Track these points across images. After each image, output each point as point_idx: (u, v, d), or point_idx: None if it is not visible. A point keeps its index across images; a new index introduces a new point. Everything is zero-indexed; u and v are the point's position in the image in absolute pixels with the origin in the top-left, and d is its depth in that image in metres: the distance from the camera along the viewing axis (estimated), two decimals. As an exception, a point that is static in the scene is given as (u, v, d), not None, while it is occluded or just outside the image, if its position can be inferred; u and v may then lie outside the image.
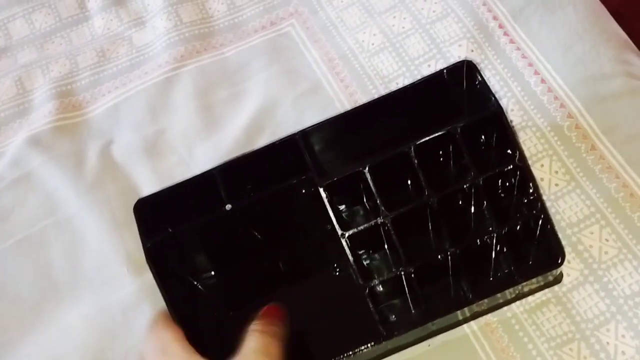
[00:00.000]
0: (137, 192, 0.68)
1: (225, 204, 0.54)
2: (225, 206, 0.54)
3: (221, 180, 0.55)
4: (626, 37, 0.71)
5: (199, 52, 0.77)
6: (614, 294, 0.59)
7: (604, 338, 0.58)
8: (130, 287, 0.64)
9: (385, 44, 0.74)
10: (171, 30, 0.78)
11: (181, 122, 0.73)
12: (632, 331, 0.57)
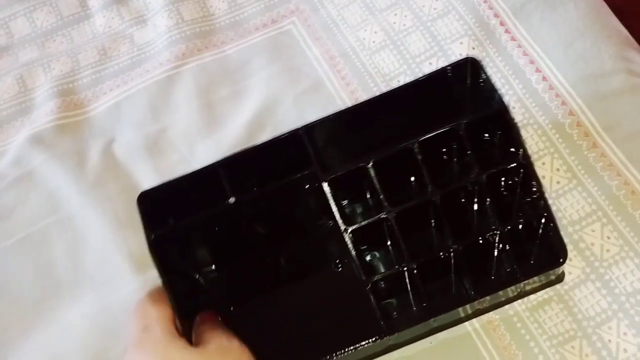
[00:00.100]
0: (138, 191, 0.67)
1: (229, 197, 0.54)
2: (229, 200, 0.54)
3: (224, 174, 0.55)
4: (627, 33, 0.71)
5: (200, 50, 0.77)
6: (616, 291, 0.59)
7: (606, 336, 0.58)
8: (132, 286, 0.64)
9: (386, 41, 0.74)
10: (172, 28, 0.78)
11: (182, 120, 0.73)
12: (634, 329, 0.57)
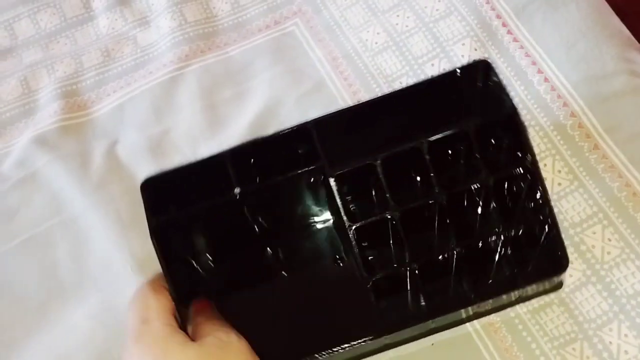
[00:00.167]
0: None
1: (234, 187, 0.54)
2: (234, 190, 0.54)
3: (231, 164, 0.54)
4: (629, 34, 0.71)
5: (203, 52, 0.78)
6: (617, 293, 0.59)
7: (607, 338, 0.58)
8: (135, 287, 0.64)
9: (388, 42, 0.74)
10: (175, 30, 0.79)
11: (186, 122, 0.73)
12: (635, 330, 0.57)
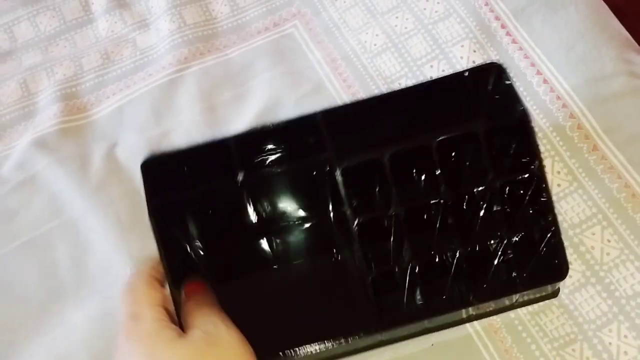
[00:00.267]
0: (141, 195, 0.67)
1: (237, 173, 0.53)
2: (237, 175, 0.53)
3: (235, 149, 0.53)
4: (628, 35, 0.71)
5: (202, 54, 0.78)
6: (616, 294, 0.59)
7: (607, 339, 0.58)
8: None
9: (387, 44, 0.74)
10: (175, 32, 0.79)
11: (185, 124, 0.73)
12: (635, 331, 0.58)
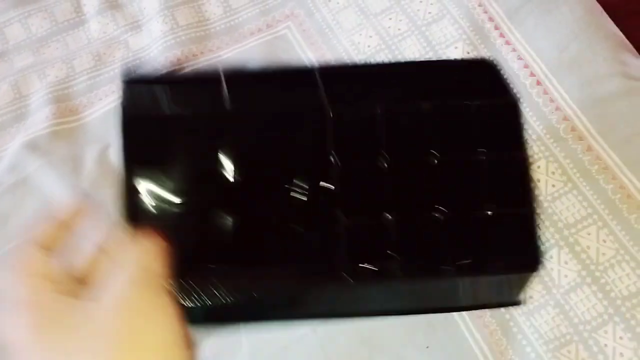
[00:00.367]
0: None
1: (224, 105, 0.49)
2: (225, 105, 0.49)
3: (225, 83, 0.50)
4: (622, 36, 0.71)
5: (195, 55, 0.77)
6: (612, 295, 0.59)
7: (602, 340, 0.58)
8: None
9: (381, 45, 0.74)
10: (167, 34, 0.78)
11: (178, 126, 0.73)
12: (630, 333, 0.57)
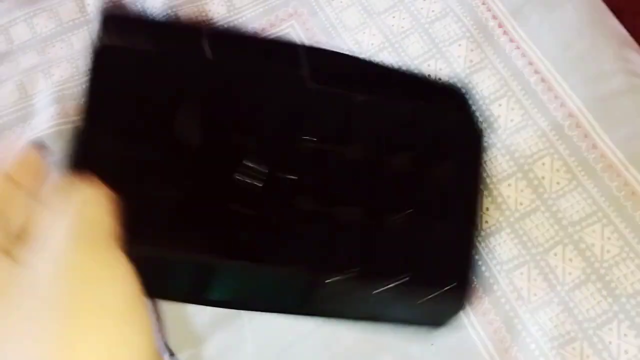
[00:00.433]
0: None
1: (205, 54, 0.43)
2: (206, 53, 0.43)
3: (208, 41, 0.44)
4: (626, 34, 0.71)
5: (199, 55, 0.77)
6: (616, 292, 0.59)
7: (607, 337, 0.58)
8: None
9: (384, 44, 0.74)
10: (171, 33, 0.78)
11: (182, 125, 0.73)
12: (635, 330, 0.57)
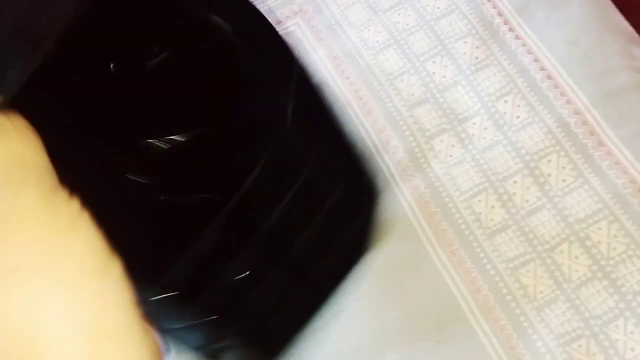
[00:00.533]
0: None
1: None
2: None
3: None
4: (632, 30, 0.71)
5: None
6: (623, 290, 0.59)
7: (613, 335, 0.58)
8: None
9: (390, 41, 0.74)
10: (176, 31, 0.78)
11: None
12: (641, 327, 0.57)
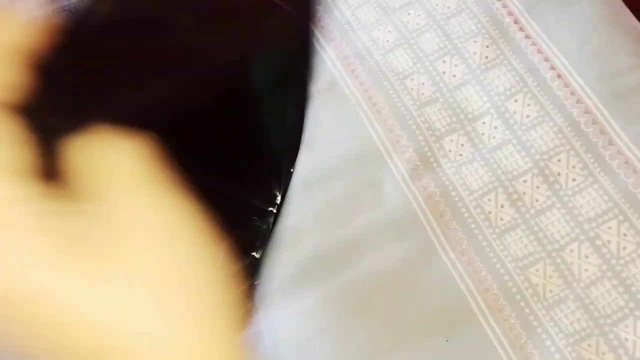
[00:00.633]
0: None
1: None
2: None
3: None
4: (643, 30, 0.71)
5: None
6: (633, 289, 0.59)
7: (623, 334, 0.57)
8: None
9: (400, 40, 0.74)
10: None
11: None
12: (651, 327, 0.57)
